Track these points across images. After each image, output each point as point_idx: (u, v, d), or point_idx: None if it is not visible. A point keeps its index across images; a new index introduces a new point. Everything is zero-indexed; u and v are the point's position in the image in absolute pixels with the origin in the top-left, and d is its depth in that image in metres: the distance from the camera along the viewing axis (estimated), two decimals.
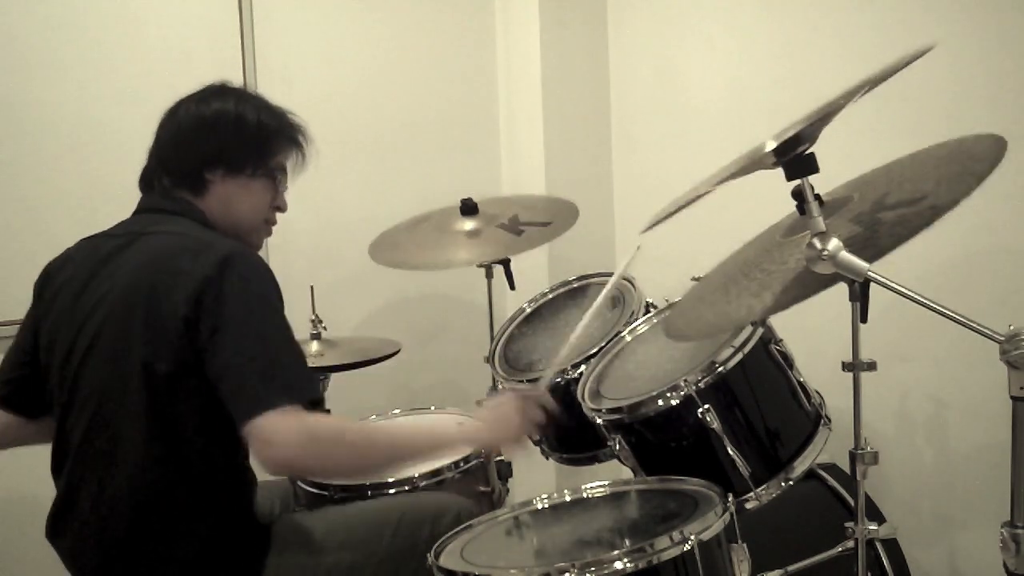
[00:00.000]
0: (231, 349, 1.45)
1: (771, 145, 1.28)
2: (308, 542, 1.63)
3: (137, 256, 1.56)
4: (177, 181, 1.65)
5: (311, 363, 2.27)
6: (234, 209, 1.67)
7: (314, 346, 2.35)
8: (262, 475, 1.96)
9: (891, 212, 1.41)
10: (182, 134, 1.66)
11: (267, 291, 1.53)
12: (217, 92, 1.70)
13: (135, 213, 1.68)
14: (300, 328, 2.35)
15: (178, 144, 1.66)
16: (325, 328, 2.38)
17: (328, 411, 2.37)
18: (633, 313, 2.04)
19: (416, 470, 1.89)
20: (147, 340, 1.48)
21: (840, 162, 1.60)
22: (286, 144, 1.73)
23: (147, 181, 1.69)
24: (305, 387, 1.50)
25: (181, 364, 1.47)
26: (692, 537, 1.33)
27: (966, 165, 1.38)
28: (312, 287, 2.34)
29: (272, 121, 1.71)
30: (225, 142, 1.66)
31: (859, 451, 1.63)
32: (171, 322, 1.46)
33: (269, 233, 1.78)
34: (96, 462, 1.52)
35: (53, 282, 1.65)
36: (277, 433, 1.42)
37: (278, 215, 1.78)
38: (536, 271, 2.80)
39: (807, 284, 1.41)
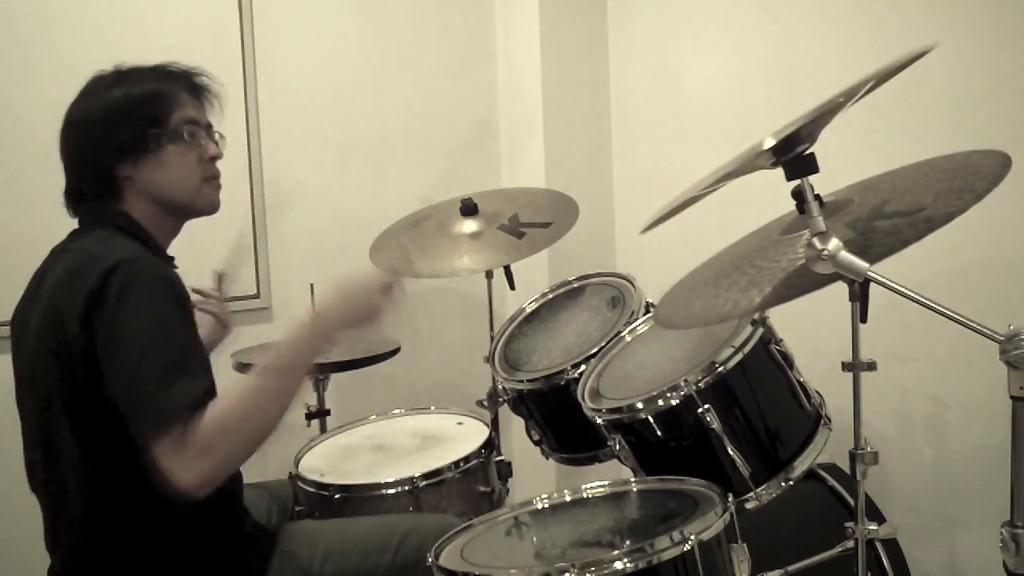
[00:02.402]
0: (114, 371, 1.40)
1: (769, 143, 1.28)
2: (313, 551, 1.63)
3: (49, 281, 1.52)
4: (96, 192, 1.58)
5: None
6: (162, 189, 1.58)
7: None
8: (262, 476, 1.97)
9: (887, 221, 1.41)
10: (73, 147, 1.59)
11: (151, 299, 1.43)
12: (88, 89, 1.60)
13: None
14: None
15: (74, 159, 1.59)
16: None
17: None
18: (633, 313, 2.04)
19: (416, 470, 1.89)
20: (59, 366, 1.45)
21: (844, 163, 1.60)
22: (177, 98, 1.60)
23: (71, 198, 1.62)
24: (179, 403, 1.38)
25: (93, 386, 1.43)
26: (692, 537, 1.33)
27: (968, 181, 1.38)
28: (312, 284, 2.34)
29: (147, 83, 1.58)
30: (112, 133, 1.55)
31: (859, 451, 1.63)
32: (74, 353, 1.43)
33: (217, 188, 1.65)
34: (60, 495, 1.50)
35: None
36: (170, 470, 1.37)
37: (219, 164, 1.65)
38: (536, 271, 2.80)
39: (796, 284, 1.41)
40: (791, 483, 1.65)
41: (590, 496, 1.65)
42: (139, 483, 1.45)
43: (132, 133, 1.55)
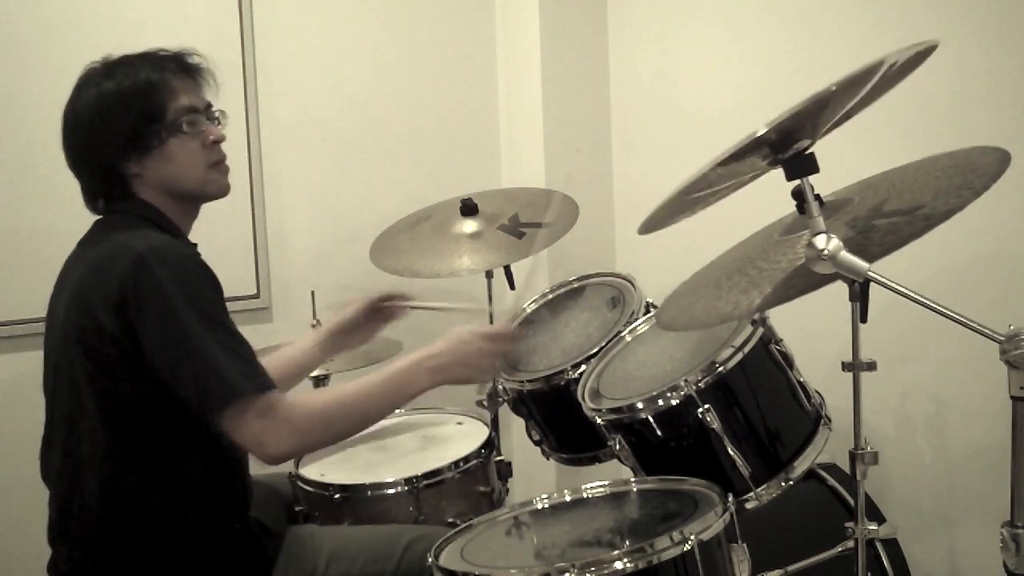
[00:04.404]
0: (163, 357, 1.43)
1: (763, 130, 1.29)
2: (317, 554, 1.63)
3: (73, 274, 1.53)
4: (104, 187, 1.58)
5: (316, 370, 2.26)
6: (169, 181, 1.58)
7: None
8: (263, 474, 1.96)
9: (885, 220, 1.41)
10: (76, 148, 1.58)
11: (188, 285, 1.45)
12: (79, 86, 1.58)
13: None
14: (302, 333, 2.36)
15: (78, 160, 1.58)
16: None
17: None
18: (633, 313, 2.04)
19: (416, 470, 1.89)
20: (87, 354, 1.46)
21: (844, 162, 1.60)
22: (171, 87, 1.56)
23: (87, 197, 1.62)
24: (243, 379, 1.45)
25: (125, 374, 1.45)
26: (692, 537, 1.33)
27: (967, 178, 1.38)
28: (313, 292, 2.33)
29: (138, 75, 1.55)
30: (110, 131, 1.54)
31: (859, 451, 1.63)
32: (104, 340, 1.44)
33: (224, 172, 1.64)
34: (75, 484, 1.51)
35: None
36: (256, 436, 1.45)
37: (223, 146, 1.64)
38: (536, 271, 2.80)
39: (796, 285, 1.41)
40: (791, 483, 1.65)
41: (590, 496, 1.65)
42: (157, 475, 1.49)
43: (131, 130, 1.54)
